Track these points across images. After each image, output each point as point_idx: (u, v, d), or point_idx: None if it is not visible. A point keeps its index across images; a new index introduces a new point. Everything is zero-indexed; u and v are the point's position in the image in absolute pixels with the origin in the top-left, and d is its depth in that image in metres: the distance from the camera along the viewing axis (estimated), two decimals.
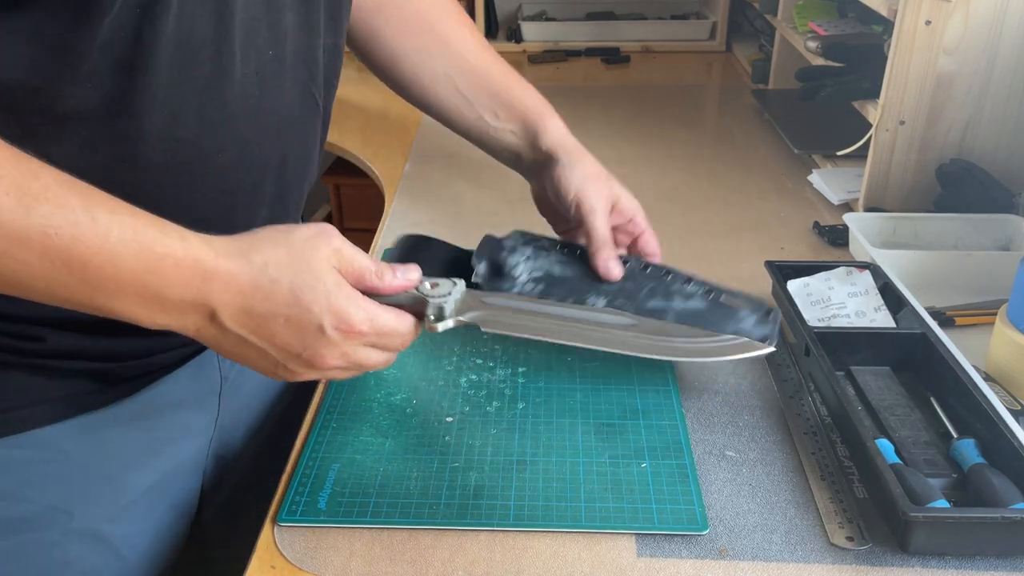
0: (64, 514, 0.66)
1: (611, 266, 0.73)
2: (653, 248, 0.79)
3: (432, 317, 0.62)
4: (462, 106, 0.85)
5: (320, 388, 0.77)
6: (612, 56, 1.86)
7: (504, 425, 0.72)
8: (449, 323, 0.63)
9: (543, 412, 0.74)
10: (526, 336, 0.66)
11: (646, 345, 0.67)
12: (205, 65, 0.58)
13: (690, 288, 0.73)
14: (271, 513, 0.64)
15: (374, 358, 0.60)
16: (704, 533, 0.61)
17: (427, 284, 0.62)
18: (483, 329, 0.64)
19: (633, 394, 0.76)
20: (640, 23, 1.95)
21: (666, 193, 1.17)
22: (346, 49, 0.79)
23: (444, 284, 0.63)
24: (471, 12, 1.98)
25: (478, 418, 0.73)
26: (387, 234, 1.05)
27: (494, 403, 0.75)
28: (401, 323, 0.60)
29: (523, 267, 0.72)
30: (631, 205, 0.79)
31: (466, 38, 0.86)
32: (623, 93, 1.64)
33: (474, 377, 0.78)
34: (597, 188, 0.77)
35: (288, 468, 0.68)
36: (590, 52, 1.89)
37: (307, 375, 0.59)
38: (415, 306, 0.62)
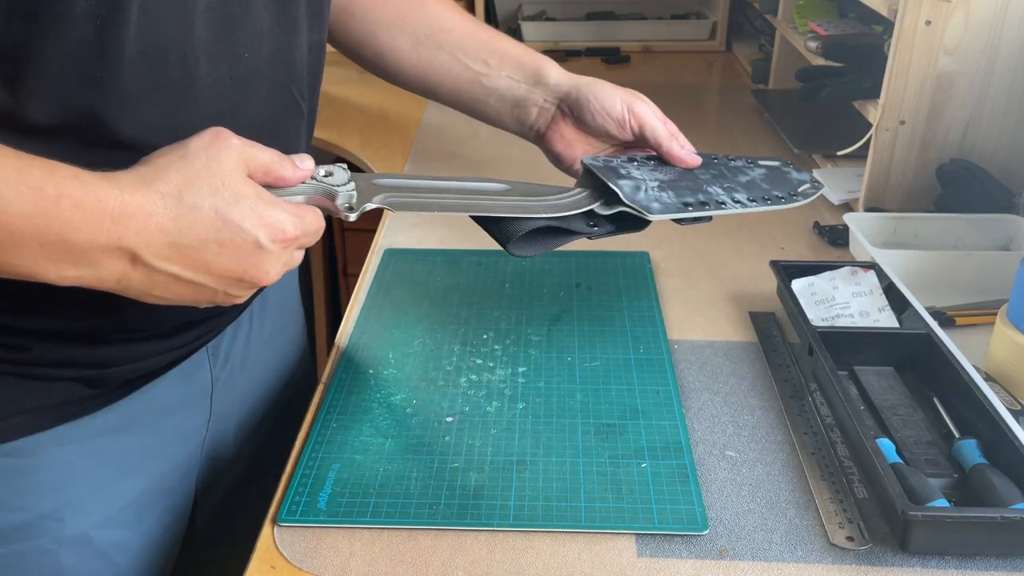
0: (55, 522, 0.65)
1: (692, 154, 0.75)
2: (689, 143, 0.79)
3: (345, 206, 0.60)
4: (449, 63, 0.81)
5: (320, 388, 0.77)
6: (612, 56, 1.86)
7: (504, 425, 0.72)
8: (364, 208, 0.61)
9: (543, 412, 0.73)
10: (434, 213, 0.64)
11: (537, 207, 0.67)
12: (174, 71, 0.57)
13: (741, 164, 0.79)
14: (271, 513, 0.64)
15: (299, 258, 0.59)
16: (704, 533, 0.61)
17: (321, 171, 0.61)
18: (392, 211, 0.63)
19: (633, 394, 0.76)
20: (640, 23, 1.95)
21: None
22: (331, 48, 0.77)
23: (337, 171, 0.62)
24: (471, 12, 1.98)
25: (478, 418, 0.73)
26: (387, 234, 1.04)
27: (494, 403, 0.75)
28: (319, 219, 0.58)
29: (647, 179, 0.72)
30: (659, 110, 0.79)
31: (443, 2, 0.83)
32: None
33: (474, 377, 0.78)
34: (638, 97, 0.77)
35: (288, 468, 0.68)
36: (590, 52, 1.89)
37: (248, 295, 0.58)
38: (318, 197, 0.60)
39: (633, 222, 0.70)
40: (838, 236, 1.02)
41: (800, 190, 0.76)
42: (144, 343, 0.66)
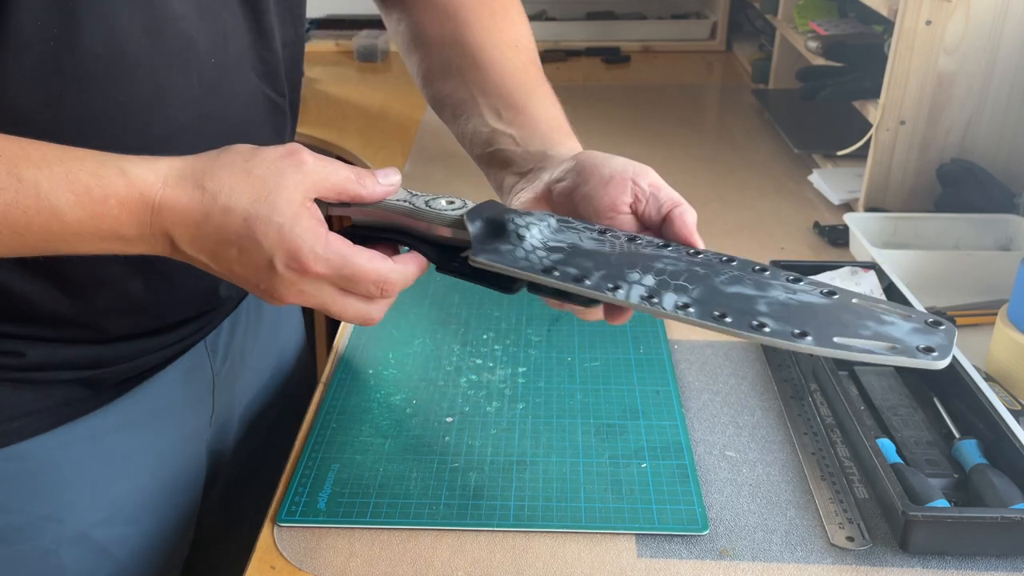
0: (55, 523, 0.65)
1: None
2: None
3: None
4: (463, 97, 0.73)
5: (320, 388, 0.77)
6: (612, 56, 1.86)
7: (504, 425, 0.72)
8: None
9: (543, 412, 0.73)
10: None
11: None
12: (143, 83, 0.57)
13: (799, 285, 0.53)
14: (271, 513, 0.64)
15: (353, 307, 0.54)
16: (704, 533, 0.61)
17: (423, 199, 0.55)
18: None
19: (633, 394, 0.76)
20: (640, 23, 1.95)
21: None
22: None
23: (456, 202, 0.55)
24: None
25: (478, 418, 0.73)
26: None
27: (494, 403, 0.75)
28: (375, 264, 0.52)
29: (538, 231, 0.55)
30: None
31: (501, 41, 0.74)
32: (623, 93, 1.64)
33: (474, 377, 0.78)
34: (643, 166, 0.62)
35: (288, 468, 0.68)
36: (590, 52, 1.89)
37: (285, 303, 0.54)
38: (401, 216, 0.54)
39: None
40: (838, 236, 1.02)
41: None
42: (138, 340, 0.66)
